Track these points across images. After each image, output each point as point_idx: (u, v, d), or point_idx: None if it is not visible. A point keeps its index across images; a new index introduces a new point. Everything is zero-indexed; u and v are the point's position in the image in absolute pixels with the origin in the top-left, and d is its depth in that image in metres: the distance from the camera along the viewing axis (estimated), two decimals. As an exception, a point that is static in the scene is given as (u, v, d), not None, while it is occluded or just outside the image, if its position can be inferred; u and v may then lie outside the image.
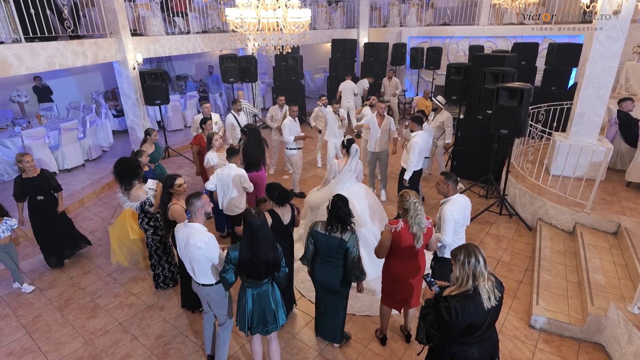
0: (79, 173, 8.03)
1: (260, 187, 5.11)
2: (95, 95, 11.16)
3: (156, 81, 8.26)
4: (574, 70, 9.16)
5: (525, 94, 5.14)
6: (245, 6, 4.77)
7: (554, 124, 6.85)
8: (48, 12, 6.56)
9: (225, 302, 3.30)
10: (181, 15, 9.54)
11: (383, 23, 14.01)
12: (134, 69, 8.17)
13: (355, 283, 3.46)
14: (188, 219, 3.15)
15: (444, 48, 12.33)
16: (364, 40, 13.52)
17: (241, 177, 4.61)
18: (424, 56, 12.23)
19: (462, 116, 7.26)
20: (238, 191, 4.68)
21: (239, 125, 7.03)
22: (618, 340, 3.40)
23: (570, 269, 4.52)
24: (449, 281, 2.45)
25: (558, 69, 8.83)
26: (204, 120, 6.08)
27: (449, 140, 6.85)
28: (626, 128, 6.03)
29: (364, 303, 4.21)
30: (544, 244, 4.98)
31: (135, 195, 4.20)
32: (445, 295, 2.29)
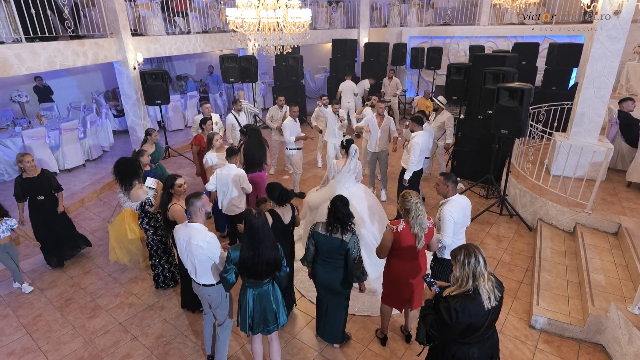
0: (80, 173, 8.04)
1: (261, 187, 5.11)
2: (95, 95, 11.17)
3: (156, 81, 8.27)
4: (575, 70, 9.16)
5: (526, 94, 5.14)
6: (245, 6, 4.77)
7: (555, 124, 6.85)
8: (48, 12, 6.57)
9: (226, 302, 3.30)
10: (181, 15, 9.55)
11: (383, 23, 14.00)
12: (135, 69, 8.17)
13: (357, 283, 3.46)
14: (188, 219, 3.15)
15: (444, 48, 12.33)
16: (364, 40, 13.52)
17: (240, 177, 4.61)
18: (425, 56, 12.22)
19: (463, 116, 7.26)
20: (238, 191, 4.68)
21: (239, 126, 7.03)
22: (618, 341, 3.40)
23: (571, 269, 4.51)
24: (448, 282, 2.45)
25: (558, 69, 8.82)
26: (204, 121, 6.08)
27: (449, 141, 6.85)
28: (627, 128, 6.03)
29: (364, 303, 4.21)
30: (545, 244, 4.98)
31: (136, 195, 4.21)
32: (445, 295, 2.29)
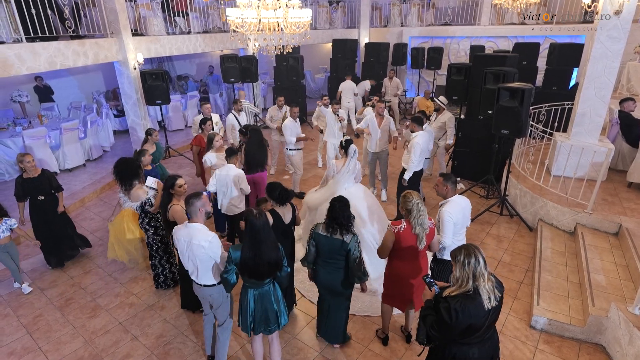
0: (80, 173, 8.04)
1: (262, 187, 5.10)
2: (96, 95, 11.17)
3: (157, 81, 8.27)
4: (575, 70, 9.15)
5: (526, 94, 5.13)
6: (246, 6, 4.77)
7: (555, 124, 6.84)
8: (49, 12, 6.57)
9: (227, 303, 3.30)
10: (182, 15, 9.54)
11: (384, 23, 13.99)
12: (135, 69, 8.17)
13: (358, 284, 3.45)
14: (188, 219, 3.14)
15: (445, 48, 12.31)
16: (364, 40, 13.52)
17: (239, 178, 4.61)
18: (425, 56, 12.21)
19: (463, 116, 7.25)
20: (237, 191, 4.67)
21: (240, 126, 7.03)
22: (619, 341, 3.40)
23: (571, 270, 4.51)
24: (448, 282, 2.45)
25: (559, 69, 8.81)
26: (204, 121, 6.08)
27: (450, 141, 6.85)
28: (627, 128, 6.02)
29: (364, 303, 4.20)
30: (545, 245, 4.97)
31: (136, 196, 4.21)
32: (445, 295, 2.29)
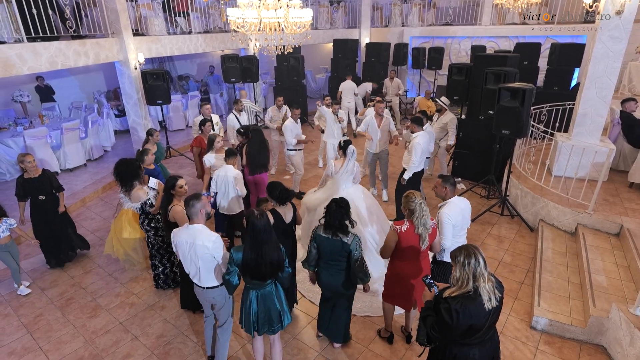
0: (81, 173, 8.05)
1: (263, 188, 5.10)
2: (97, 95, 11.19)
3: (158, 81, 8.27)
4: (577, 70, 9.13)
5: (527, 94, 5.12)
6: (246, 6, 4.76)
7: (556, 125, 6.83)
8: (50, 12, 6.58)
9: (229, 303, 3.30)
10: (183, 15, 9.55)
11: (385, 23, 13.99)
12: (136, 68, 8.18)
13: (360, 284, 3.45)
14: (189, 220, 3.13)
15: (445, 48, 12.31)
16: (365, 40, 13.51)
17: (236, 179, 4.60)
18: (426, 56, 12.22)
19: (464, 116, 7.24)
20: (235, 191, 4.68)
21: (240, 125, 7.02)
22: (620, 342, 3.39)
23: (572, 270, 4.50)
24: (448, 284, 2.44)
25: (560, 69, 8.79)
26: (203, 122, 6.08)
27: (451, 142, 6.81)
28: (629, 129, 6.01)
29: (365, 303, 4.20)
30: (546, 245, 4.96)
31: (136, 196, 4.21)
32: (445, 296, 2.28)
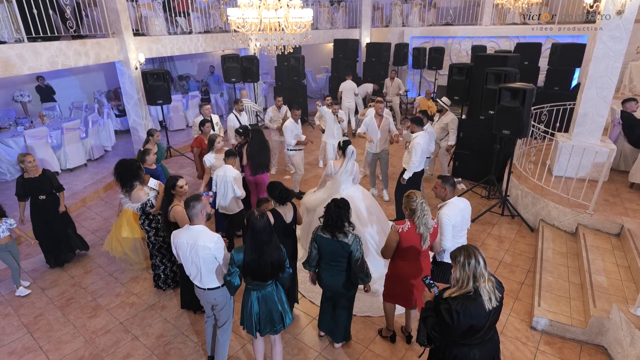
0: (81, 173, 8.05)
1: (263, 188, 5.10)
2: (97, 95, 11.19)
3: (158, 81, 8.28)
4: (577, 70, 9.12)
5: (528, 94, 5.12)
6: (247, 6, 4.76)
7: (557, 125, 6.82)
8: (50, 12, 6.58)
9: (230, 304, 3.30)
10: (183, 15, 9.55)
11: (385, 23, 13.98)
12: (136, 68, 8.18)
13: (361, 285, 3.45)
14: (190, 221, 3.13)
15: (446, 48, 12.30)
16: (366, 40, 13.51)
17: (235, 180, 4.59)
18: (427, 56, 12.22)
19: (464, 116, 7.24)
20: (234, 192, 4.68)
21: (241, 124, 7.02)
22: (620, 343, 3.38)
23: (573, 271, 4.49)
24: (448, 284, 2.44)
25: (561, 69, 8.79)
26: (203, 123, 6.08)
27: (452, 142, 6.79)
28: (630, 129, 6.00)
29: (365, 304, 4.20)
30: (546, 245, 4.96)
31: (137, 197, 4.21)
32: (445, 297, 2.28)
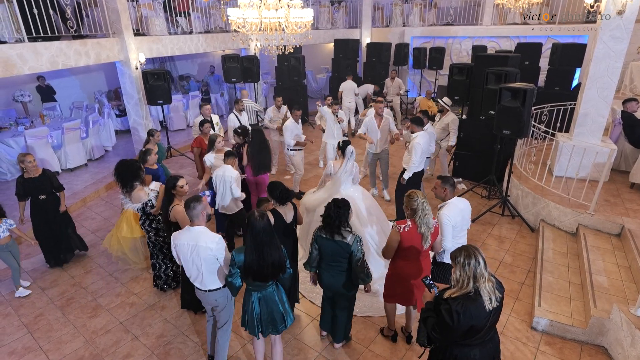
0: (82, 173, 8.06)
1: (264, 188, 5.09)
2: (98, 95, 11.20)
3: (159, 81, 8.27)
4: (578, 70, 9.12)
5: (528, 94, 5.11)
6: (247, 6, 4.76)
7: (557, 125, 6.81)
8: (51, 12, 6.58)
9: (231, 305, 3.30)
10: (184, 15, 9.55)
11: (386, 23, 13.98)
12: (137, 68, 8.18)
13: (362, 285, 3.45)
14: (190, 222, 3.12)
15: (446, 48, 12.29)
16: (366, 40, 13.51)
17: (233, 179, 4.59)
18: (427, 56, 12.21)
19: (465, 116, 7.23)
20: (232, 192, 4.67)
21: (241, 124, 7.01)
22: (621, 343, 3.38)
23: (573, 271, 4.49)
24: (448, 284, 2.43)
25: (562, 69, 8.78)
26: (202, 123, 6.09)
27: (452, 143, 6.76)
28: (630, 129, 5.99)
29: (365, 304, 4.19)
30: (547, 246, 4.95)
31: (137, 197, 4.21)
32: (446, 297, 2.28)
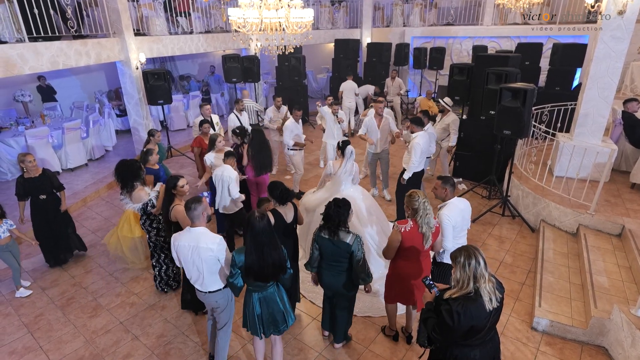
0: (82, 172, 8.06)
1: (264, 188, 5.09)
2: (98, 95, 11.20)
3: (159, 81, 8.27)
4: (579, 70, 9.11)
5: (529, 94, 5.11)
6: (247, 6, 4.76)
7: (558, 125, 6.81)
8: (51, 12, 6.59)
9: (231, 306, 3.30)
10: (184, 15, 9.56)
11: (386, 23, 13.97)
12: (137, 68, 8.19)
13: (362, 285, 3.45)
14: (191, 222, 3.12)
15: (447, 48, 12.29)
16: (367, 40, 13.50)
17: (232, 179, 4.58)
18: (427, 56, 12.20)
19: (465, 116, 7.23)
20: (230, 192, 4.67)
21: (240, 124, 7.01)
22: (621, 344, 3.37)
23: (574, 271, 4.48)
24: (449, 285, 2.43)
25: (562, 69, 8.78)
26: (202, 123, 6.09)
27: (453, 143, 6.75)
28: (631, 129, 5.99)
29: (365, 304, 4.19)
30: (547, 246, 4.95)
31: (137, 197, 4.20)
32: (446, 297, 2.28)
